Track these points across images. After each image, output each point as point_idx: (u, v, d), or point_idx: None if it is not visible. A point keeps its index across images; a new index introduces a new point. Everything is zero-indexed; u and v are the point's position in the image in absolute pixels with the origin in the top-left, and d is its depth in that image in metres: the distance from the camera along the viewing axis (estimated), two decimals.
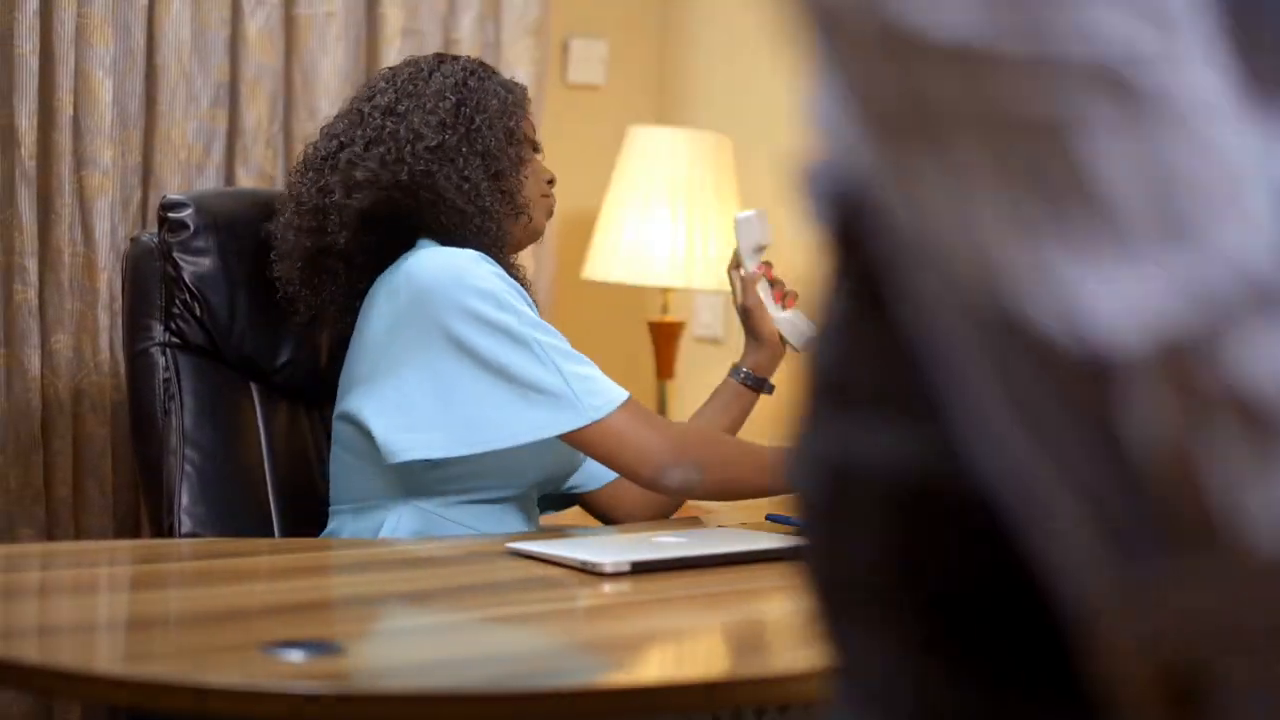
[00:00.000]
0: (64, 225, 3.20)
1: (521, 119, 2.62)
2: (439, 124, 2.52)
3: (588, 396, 2.36)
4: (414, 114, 2.53)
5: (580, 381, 2.37)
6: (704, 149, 3.98)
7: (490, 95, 2.58)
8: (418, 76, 2.59)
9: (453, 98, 2.55)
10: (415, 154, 2.50)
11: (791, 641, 1.85)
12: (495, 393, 2.36)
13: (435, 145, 2.50)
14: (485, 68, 2.64)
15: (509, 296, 2.38)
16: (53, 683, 1.59)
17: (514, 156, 2.57)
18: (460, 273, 2.39)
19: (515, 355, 2.35)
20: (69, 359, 3.23)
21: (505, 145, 2.56)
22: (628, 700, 1.61)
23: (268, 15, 3.58)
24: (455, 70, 2.60)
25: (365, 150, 2.52)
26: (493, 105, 2.57)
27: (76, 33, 3.21)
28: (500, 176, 2.54)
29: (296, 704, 1.50)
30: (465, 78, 2.59)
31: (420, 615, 1.93)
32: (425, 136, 2.50)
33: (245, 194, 3.06)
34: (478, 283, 2.37)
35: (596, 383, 2.38)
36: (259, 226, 2.74)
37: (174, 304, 2.67)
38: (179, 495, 2.59)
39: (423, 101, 2.54)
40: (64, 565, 2.20)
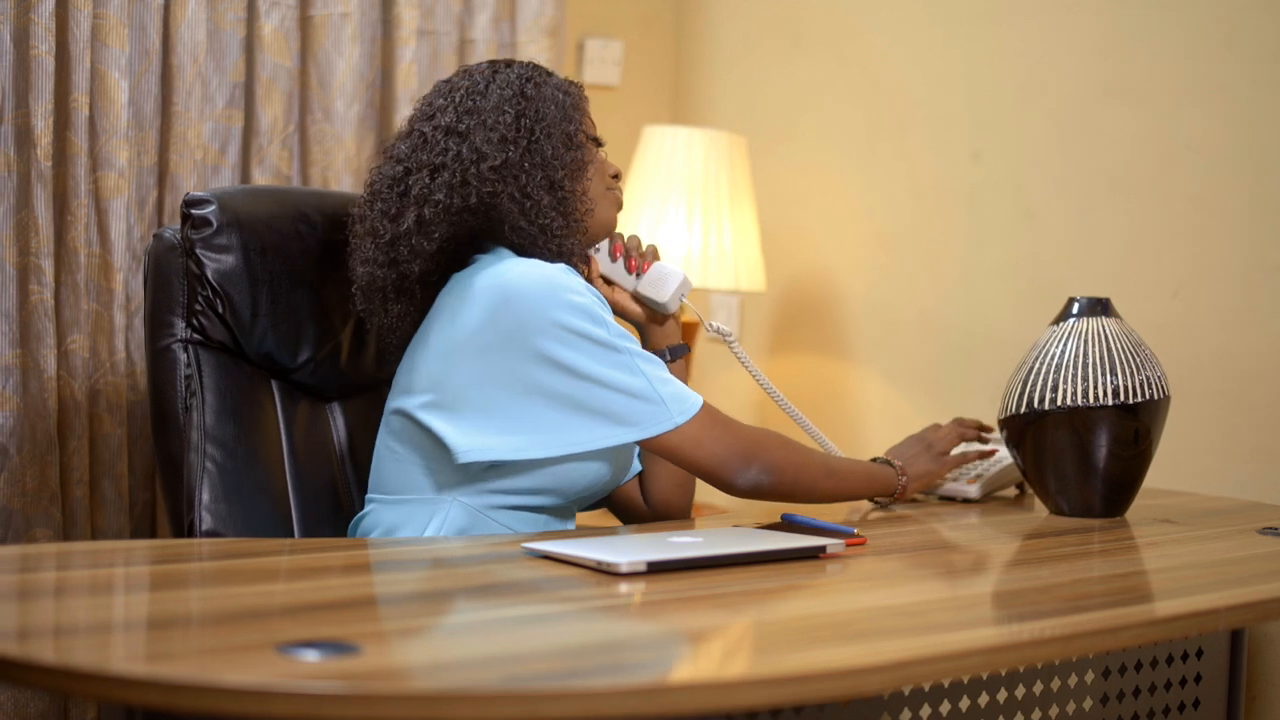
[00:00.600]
0: (80, 226, 3.20)
1: (581, 119, 2.63)
2: (500, 140, 2.53)
3: (674, 402, 2.42)
4: (475, 132, 2.54)
5: (665, 386, 2.43)
6: (719, 148, 3.97)
7: (548, 102, 2.58)
8: (475, 91, 2.59)
9: (511, 111, 2.56)
10: (480, 176, 2.52)
11: (807, 642, 1.85)
12: (586, 398, 2.41)
13: (499, 164, 2.52)
14: (541, 71, 2.64)
15: (598, 309, 2.43)
16: (69, 683, 1.58)
17: (573, 161, 2.58)
18: (555, 287, 2.42)
19: (607, 365, 2.40)
20: (85, 359, 3.23)
21: (564, 152, 2.57)
22: (644, 700, 1.61)
23: (283, 16, 3.58)
24: (511, 79, 2.60)
25: (432, 179, 2.53)
26: (551, 112, 2.57)
27: (92, 33, 3.21)
28: (559, 187, 2.55)
29: (313, 704, 1.50)
30: (522, 86, 2.59)
31: (436, 615, 1.93)
32: (488, 156, 2.52)
33: (268, 191, 3.07)
34: (572, 297, 2.41)
35: (679, 388, 2.44)
36: (281, 223, 2.74)
37: (196, 301, 2.67)
38: (200, 492, 2.59)
39: (483, 118, 2.55)
40: (80, 565, 2.20)
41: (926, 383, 4.00)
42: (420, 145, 2.57)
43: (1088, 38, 3.67)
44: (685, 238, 3.91)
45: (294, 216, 2.78)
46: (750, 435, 2.50)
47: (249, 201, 2.77)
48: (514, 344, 2.41)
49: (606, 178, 2.67)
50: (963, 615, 2.05)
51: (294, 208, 2.80)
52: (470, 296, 2.46)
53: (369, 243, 2.57)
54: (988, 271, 3.86)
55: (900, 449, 2.85)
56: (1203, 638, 2.61)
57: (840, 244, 4.21)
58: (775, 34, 4.40)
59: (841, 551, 2.29)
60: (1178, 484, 3.25)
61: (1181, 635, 2.45)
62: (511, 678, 1.65)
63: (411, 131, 2.60)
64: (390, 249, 2.54)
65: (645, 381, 2.41)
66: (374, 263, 2.56)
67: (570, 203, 2.57)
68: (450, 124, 2.56)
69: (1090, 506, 2.75)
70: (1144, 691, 2.51)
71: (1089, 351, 2.74)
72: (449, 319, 2.48)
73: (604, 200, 2.67)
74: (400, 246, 2.53)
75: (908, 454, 2.83)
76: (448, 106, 2.59)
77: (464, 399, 2.44)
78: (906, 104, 4.06)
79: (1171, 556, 2.54)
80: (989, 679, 2.29)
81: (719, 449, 2.45)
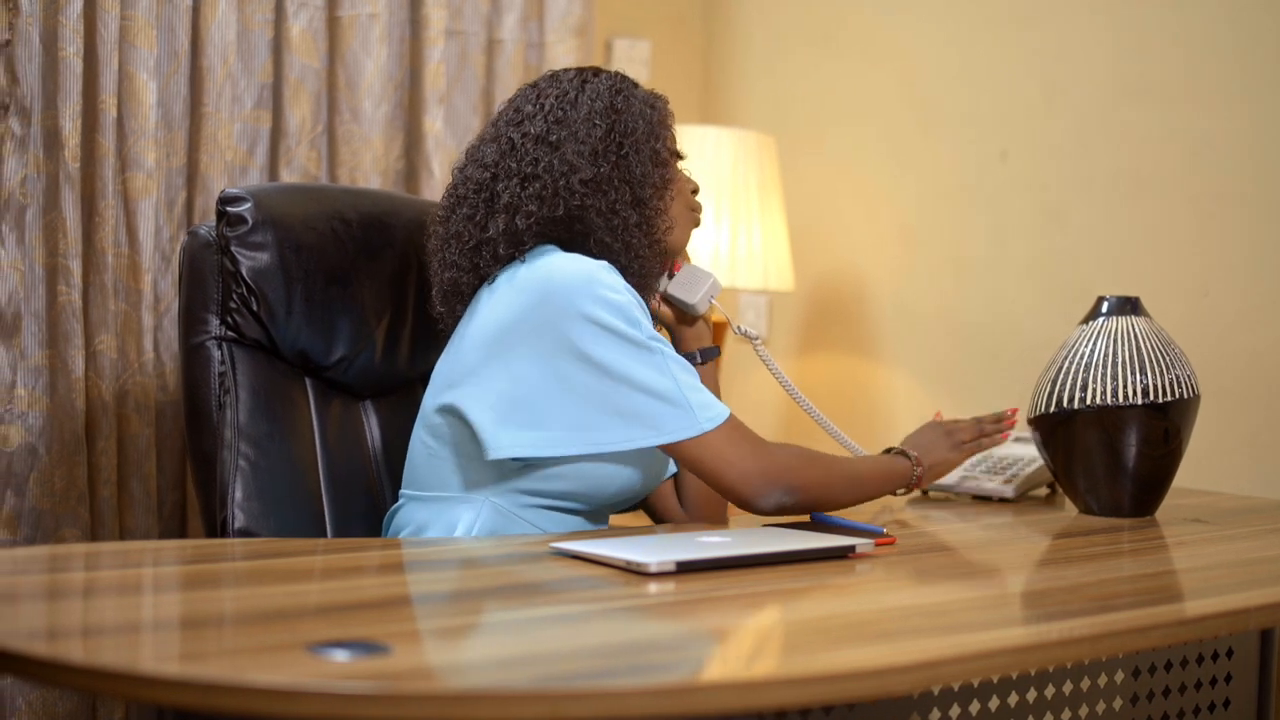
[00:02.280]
0: (108, 227, 3.21)
1: (666, 134, 2.62)
2: (591, 154, 2.53)
3: (701, 410, 2.40)
4: (567, 144, 2.53)
5: (694, 394, 2.40)
6: (747, 148, 3.97)
7: (636, 116, 2.57)
8: (565, 100, 2.58)
9: (603, 124, 2.55)
10: (570, 188, 2.51)
11: (836, 641, 1.84)
12: (613, 397, 2.39)
13: (590, 178, 2.51)
14: (628, 83, 2.63)
15: (634, 309, 2.41)
16: (98, 683, 1.59)
17: (659, 179, 2.57)
18: (591, 281, 2.41)
19: (637, 364, 2.38)
20: (113, 360, 3.24)
21: (651, 169, 2.56)
22: (673, 700, 1.61)
23: (311, 16, 3.59)
24: (601, 91, 2.59)
25: (523, 187, 2.53)
26: (639, 127, 2.57)
27: (120, 35, 3.22)
28: (644, 204, 2.54)
29: (343, 704, 1.50)
30: (612, 99, 2.58)
31: (466, 615, 1.93)
32: (580, 169, 2.51)
33: (303, 189, 3.07)
34: (607, 293, 2.40)
35: (707, 397, 2.42)
36: (317, 221, 2.75)
37: (231, 298, 2.68)
38: (233, 490, 2.60)
39: (574, 130, 2.54)
40: (109, 565, 2.20)
41: (953, 381, 3.99)
42: (508, 152, 2.56)
43: (1113, 38, 3.66)
44: (714, 237, 3.90)
45: (329, 215, 2.78)
46: (775, 456, 2.46)
47: (284, 199, 2.77)
48: (547, 335, 2.40)
49: (688, 195, 2.66)
50: (991, 615, 2.04)
51: (329, 206, 2.81)
52: (513, 289, 2.46)
53: (453, 246, 2.57)
54: (1014, 271, 3.86)
55: (917, 437, 2.81)
56: (1233, 637, 2.60)
57: (868, 244, 4.20)
58: (803, 34, 4.40)
59: (870, 551, 2.29)
60: (1207, 483, 3.24)
61: (1211, 635, 2.44)
62: (541, 678, 1.65)
63: (499, 136, 2.59)
64: (474, 254, 2.55)
65: (673, 384, 2.39)
66: (457, 267, 2.56)
67: (653, 220, 2.56)
68: (540, 133, 2.55)
69: (1120, 506, 2.75)
70: (1174, 691, 2.51)
71: (1118, 351, 2.73)
72: (489, 311, 2.47)
73: (683, 219, 2.65)
74: (484, 252, 2.54)
75: (924, 442, 2.79)
76: (536, 114, 2.57)
77: (497, 391, 2.43)
78: (934, 104, 4.06)
79: (1201, 556, 2.53)
80: (1018, 679, 2.29)
81: (745, 465, 2.43)
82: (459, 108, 3.85)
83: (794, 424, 4.24)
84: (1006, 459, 3.03)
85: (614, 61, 4.37)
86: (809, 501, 2.49)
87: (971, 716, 2.23)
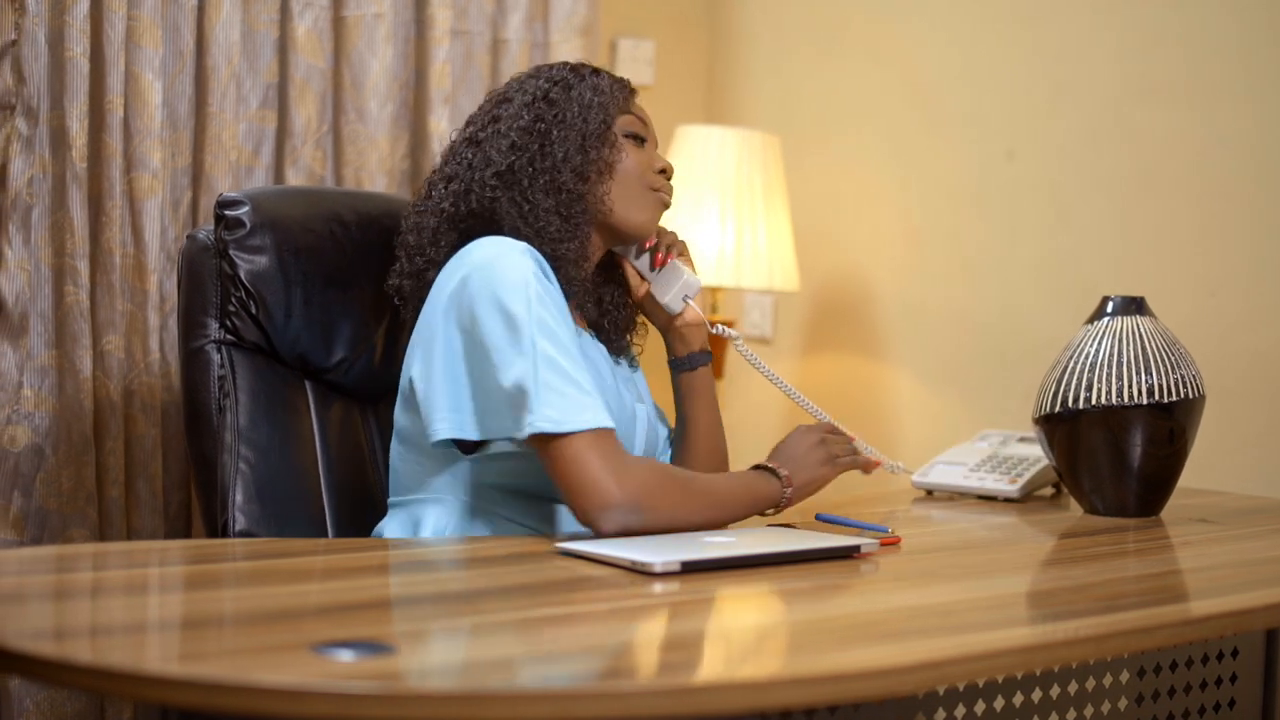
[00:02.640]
0: (114, 227, 3.22)
1: (614, 117, 2.60)
2: (510, 147, 2.54)
3: (545, 408, 2.27)
4: (490, 141, 2.56)
5: (548, 392, 2.28)
6: (752, 148, 3.97)
7: (573, 103, 2.57)
8: (503, 99, 2.61)
9: (529, 115, 2.56)
10: (483, 182, 2.53)
11: (841, 641, 1.84)
12: (485, 384, 2.35)
13: (503, 170, 2.52)
14: (579, 73, 2.63)
15: (532, 291, 2.34)
16: (105, 683, 1.59)
17: (588, 164, 2.55)
18: (495, 259, 2.39)
19: (507, 349, 2.32)
20: (120, 360, 3.24)
21: (576, 155, 2.54)
22: (678, 700, 1.61)
23: (316, 16, 3.59)
24: (540, 84, 2.60)
25: (446, 187, 2.57)
26: (572, 114, 2.56)
27: (126, 35, 3.23)
28: (562, 189, 2.52)
29: (348, 704, 1.51)
30: (549, 90, 2.59)
31: (471, 615, 1.93)
32: (494, 162, 2.53)
33: (301, 192, 3.07)
34: (508, 271, 2.36)
35: (567, 400, 2.28)
36: (315, 224, 2.75)
37: (230, 301, 2.68)
38: (234, 493, 2.60)
39: (500, 125, 2.56)
40: (116, 566, 2.21)
41: (959, 381, 3.99)
42: (449, 156, 2.61)
43: (1120, 38, 3.66)
44: (719, 237, 3.90)
45: (327, 217, 2.78)
46: (635, 480, 2.29)
47: (282, 202, 2.77)
48: (456, 310, 2.39)
49: (647, 175, 2.62)
50: (997, 615, 2.04)
51: (328, 209, 2.81)
52: (439, 282, 2.46)
53: (403, 255, 2.59)
54: (1021, 271, 3.86)
55: (789, 449, 2.59)
56: (1238, 637, 2.60)
57: (874, 243, 4.20)
58: (809, 33, 4.40)
59: (875, 551, 2.29)
60: (1213, 483, 3.24)
61: (1217, 635, 2.44)
62: (546, 678, 1.65)
63: (454, 141, 2.64)
64: (411, 260, 2.57)
65: (531, 377, 2.29)
66: (405, 274, 2.58)
67: (574, 205, 2.53)
68: (473, 134, 2.59)
69: (1125, 506, 2.75)
70: (1179, 691, 2.51)
71: (1124, 350, 2.73)
72: (425, 309, 2.49)
73: (640, 200, 2.60)
74: (417, 258, 2.56)
75: (795, 455, 2.57)
76: (479, 116, 2.62)
77: (426, 379, 2.42)
78: (940, 103, 4.06)
79: (1206, 556, 2.53)
80: (1023, 679, 2.29)
81: (597, 481, 2.27)
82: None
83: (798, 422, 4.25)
84: (1012, 459, 3.03)
85: (618, 61, 4.37)
86: (660, 523, 2.32)
87: (977, 717, 2.23)
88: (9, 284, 3.14)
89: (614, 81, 2.64)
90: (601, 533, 2.27)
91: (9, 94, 3.14)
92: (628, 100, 2.65)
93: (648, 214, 2.63)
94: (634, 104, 2.66)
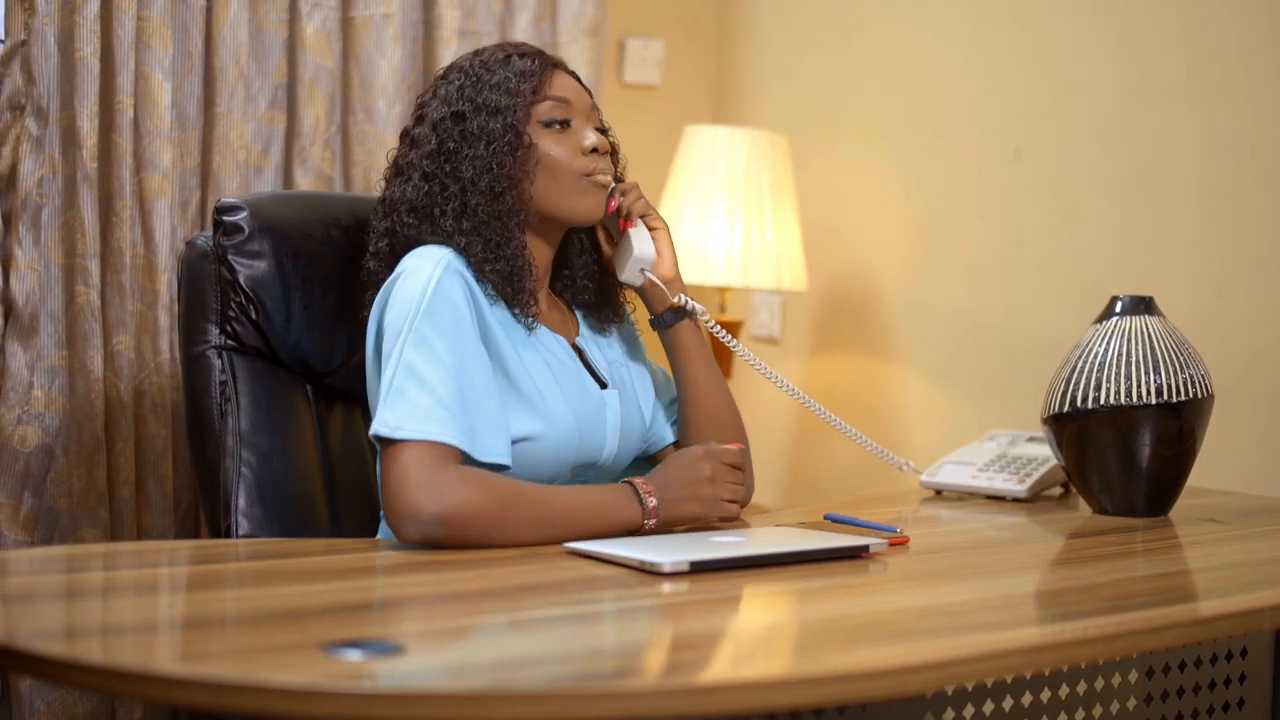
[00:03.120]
0: (125, 227, 3.22)
1: (524, 117, 2.51)
2: (421, 177, 2.51)
3: (386, 412, 2.28)
4: (406, 171, 2.54)
5: (396, 398, 2.29)
6: (760, 148, 3.97)
7: (480, 113, 2.50)
8: (421, 115, 2.57)
9: (435, 139, 2.52)
10: (402, 220, 2.51)
11: (849, 641, 1.85)
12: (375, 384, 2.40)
13: (418, 205, 2.50)
14: (490, 67, 2.55)
15: (423, 302, 2.36)
16: (115, 682, 1.59)
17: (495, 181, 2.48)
18: (406, 272, 2.41)
19: (387, 355, 2.35)
20: (130, 360, 3.25)
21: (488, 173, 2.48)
22: (686, 700, 1.61)
23: (325, 17, 3.60)
24: (452, 91, 2.55)
25: (380, 221, 2.56)
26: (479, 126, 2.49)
27: (136, 35, 3.23)
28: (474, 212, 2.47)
29: (357, 704, 1.51)
30: (457, 100, 2.53)
31: (479, 615, 1.93)
32: (408, 198, 2.51)
33: (300, 197, 3.07)
34: (407, 283, 2.39)
35: (412, 408, 2.28)
36: (313, 228, 2.75)
37: (229, 307, 2.68)
38: (236, 497, 2.60)
39: (413, 154, 2.54)
40: (126, 566, 2.21)
41: (967, 381, 4.00)
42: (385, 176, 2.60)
43: (1127, 37, 3.66)
44: (727, 237, 3.91)
45: (326, 222, 2.78)
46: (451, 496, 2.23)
47: (281, 207, 2.77)
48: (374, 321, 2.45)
49: (576, 161, 2.53)
50: (1005, 615, 2.05)
51: (326, 213, 2.80)
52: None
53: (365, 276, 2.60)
54: (1029, 270, 3.86)
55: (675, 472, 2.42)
56: (1246, 637, 2.60)
57: (882, 243, 4.20)
58: (817, 34, 4.40)
59: (884, 551, 2.29)
60: (1221, 483, 3.23)
61: (1225, 635, 2.44)
62: (555, 678, 1.65)
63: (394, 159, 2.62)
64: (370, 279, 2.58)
65: (389, 381, 2.31)
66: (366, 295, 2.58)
67: (496, 219, 2.48)
68: (398, 157, 2.57)
69: (1134, 505, 2.75)
70: (1187, 691, 2.51)
71: (1132, 350, 2.73)
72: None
73: (569, 192, 2.53)
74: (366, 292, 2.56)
75: (675, 482, 2.41)
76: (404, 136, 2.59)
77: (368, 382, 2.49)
78: (948, 103, 4.06)
79: (1215, 556, 2.53)
80: (1032, 679, 2.29)
81: (408, 486, 2.23)
82: None
83: (805, 425, 4.24)
84: (1021, 459, 3.03)
85: (627, 61, 4.37)
86: (474, 541, 2.25)
87: (985, 716, 2.24)
88: (20, 284, 3.15)
89: (523, 71, 2.54)
90: (404, 540, 2.24)
91: (19, 94, 3.14)
92: (543, 85, 2.54)
93: (584, 201, 2.55)
94: (551, 85, 2.55)
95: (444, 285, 2.38)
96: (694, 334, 2.68)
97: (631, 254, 2.62)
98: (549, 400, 2.46)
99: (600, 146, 2.56)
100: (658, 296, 2.66)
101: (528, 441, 2.42)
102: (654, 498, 2.37)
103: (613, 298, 2.71)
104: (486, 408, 2.36)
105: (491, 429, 2.35)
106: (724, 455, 2.44)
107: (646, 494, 2.37)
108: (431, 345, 2.33)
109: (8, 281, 3.16)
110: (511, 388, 2.44)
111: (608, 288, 2.71)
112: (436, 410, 2.28)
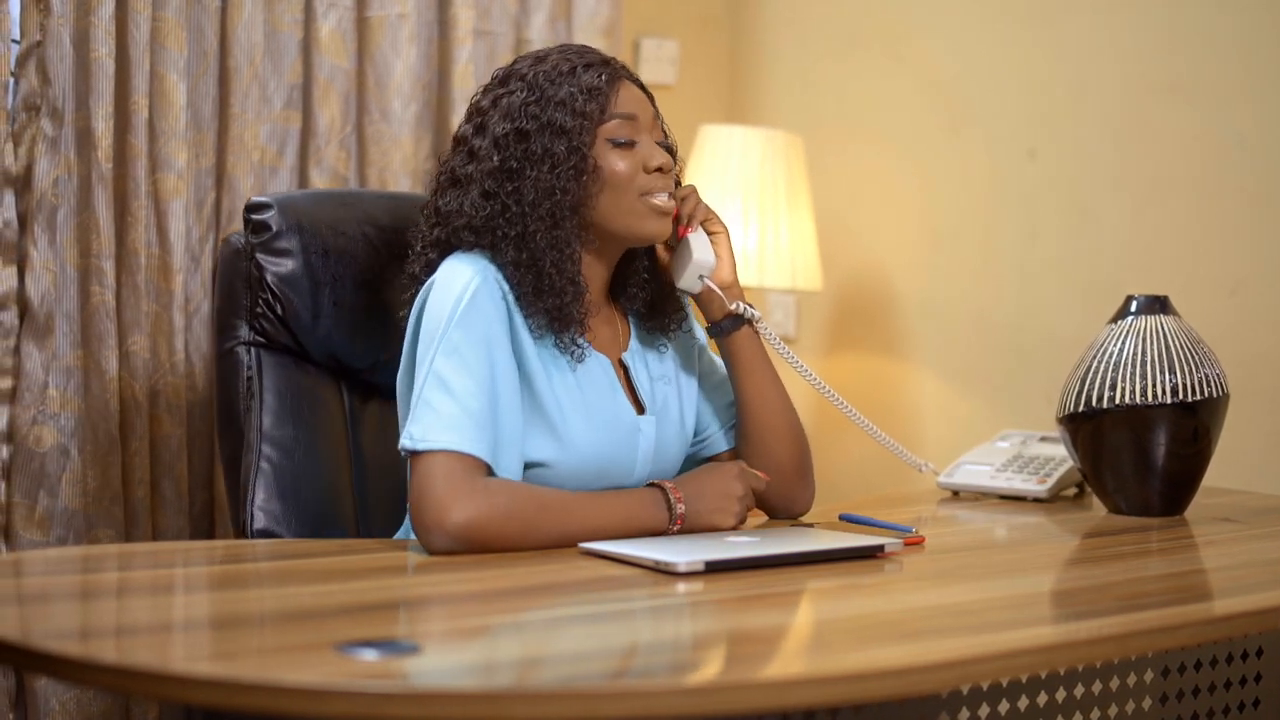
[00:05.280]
0: (140, 227, 3.22)
1: (591, 137, 2.44)
2: (481, 195, 2.44)
3: (413, 424, 2.29)
4: (465, 185, 2.46)
5: (424, 408, 2.29)
6: (775, 147, 3.97)
7: (545, 134, 2.42)
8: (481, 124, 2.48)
9: (498, 157, 2.43)
10: (460, 239, 2.46)
11: (864, 641, 1.85)
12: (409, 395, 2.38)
13: (478, 225, 2.43)
14: (556, 81, 2.45)
15: (458, 312, 2.34)
16: (130, 682, 1.60)
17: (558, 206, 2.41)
18: (442, 281, 2.40)
19: (419, 366, 2.34)
20: (145, 360, 3.25)
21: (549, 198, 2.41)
22: (702, 699, 1.61)
23: (340, 17, 3.59)
24: (515, 103, 2.45)
25: (431, 230, 2.50)
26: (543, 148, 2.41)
27: (151, 36, 3.23)
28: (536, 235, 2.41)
29: (372, 703, 1.51)
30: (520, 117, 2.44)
31: (494, 615, 1.93)
32: (467, 213, 2.44)
33: (330, 195, 3.07)
34: (443, 292, 2.37)
35: (440, 420, 2.28)
36: (345, 225, 2.75)
37: (258, 304, 2.69)
38: (253, 492, 2.61)
39: (471, 168, 2.46)
40: (140, 566, 2.21)
41: (982, 381, 3.99)
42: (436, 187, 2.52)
43: (1142, 35, 3.66)
44: (741, 237, 3.90)
45: (358, 219, 2.78)
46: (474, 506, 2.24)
47: (311, 205, 2.77)
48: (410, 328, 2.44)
49: (638, 180, 2.46)
50: (1020, 614, 2.04)
51: (358, 210, 2.80)
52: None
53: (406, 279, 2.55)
54: (1043, 270, 3.85)
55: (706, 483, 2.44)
56: (1262, 636, 2.59)
57: (896, 243, 4.20)
58: (831, 33, 4.40)
59: (899, 550, 2.29)
60: (1237, 482, 3.23)
61: (1241, 634, 2.44)
62: (570, 677, 1.65)
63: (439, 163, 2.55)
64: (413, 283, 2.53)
65: (419, 392, 2.31)
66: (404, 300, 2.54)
67: (545, 255, 2.41)
68: (457, 164, 2.48)
69: (1149, 505, 2.74)
70: (1203, 691, 2.50)
71: (1147, 350, 2.72)
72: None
73: (632, 212, 2.46)
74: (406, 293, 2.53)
75: (709, 493, 2.42)
76: (460, 140, 2.51)
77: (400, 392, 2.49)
78: (962, 103, 4.06)
79: (1230, 555, 2.53)
80: (1047, 678, 2.29)
81: (438, 500, 2.23)
82: None
83: (820, 425, 4.24)
84: (1038, 459, 3.03)
85: (642, 61, 4.37)
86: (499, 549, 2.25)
87: (1000, 716, 2.23)
88: (35, 285, 3.15)
89: (590, 88, 2.46)
90: (431, 552, 2.24)
91: (34, 95, 3.15)
92: (610, 102, 2.47)
93: (647, 222, 2.48)
94: (618, 101, 2.48)
95: (480, 296, 2.36)
96: (752, 342, 2.61)
97: (690, 260, 2.53)
98: (571, 425, 2.43)
99: (665, 166, 2.49)
100: (715, 303, 2.59)
101: (543, 468, 2.41)
102: (684, 505, 2.37)
103: (669, 305, 2.62)
104: (506, 423, 2.35)
105: (505, 446, 2.35)
106: (754, 480, 2.48)
107: (677, 500, 2.37)
108: (462, 355, 2.32)
109: (23, 282, 3.16)
110: (535, 408, 2.41)
111: (663, 295, 2.62)
112: (462, 420, 2.28)
